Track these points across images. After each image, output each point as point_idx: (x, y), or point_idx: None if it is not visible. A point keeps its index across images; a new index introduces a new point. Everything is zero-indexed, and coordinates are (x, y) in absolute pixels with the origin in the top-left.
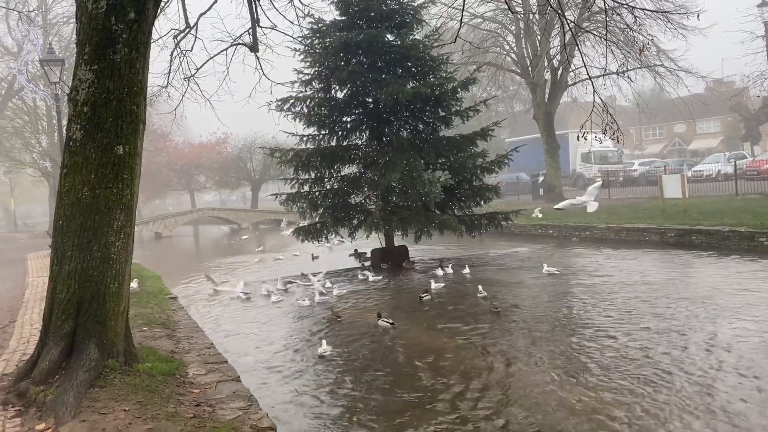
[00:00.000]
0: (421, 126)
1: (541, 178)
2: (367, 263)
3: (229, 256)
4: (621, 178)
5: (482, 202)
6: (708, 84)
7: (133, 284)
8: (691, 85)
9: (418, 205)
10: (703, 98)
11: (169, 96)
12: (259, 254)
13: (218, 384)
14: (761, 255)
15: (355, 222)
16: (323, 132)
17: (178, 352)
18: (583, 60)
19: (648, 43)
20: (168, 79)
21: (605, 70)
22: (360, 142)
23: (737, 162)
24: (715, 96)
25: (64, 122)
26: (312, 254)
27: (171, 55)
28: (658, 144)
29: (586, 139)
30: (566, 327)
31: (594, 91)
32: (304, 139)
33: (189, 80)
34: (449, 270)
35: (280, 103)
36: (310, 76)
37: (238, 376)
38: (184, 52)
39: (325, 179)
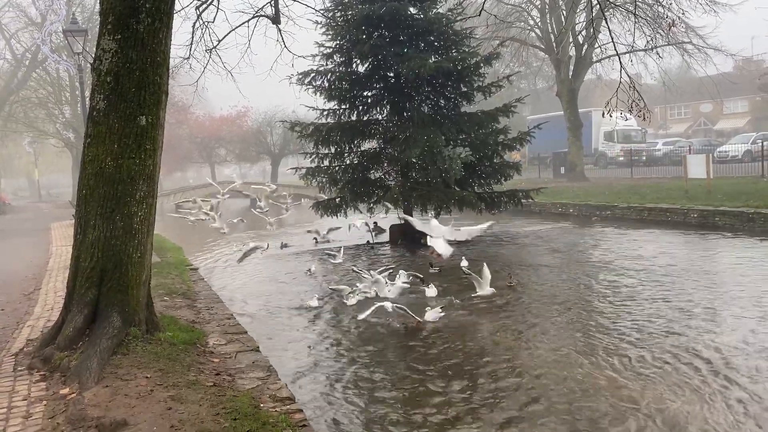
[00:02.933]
0: (442, 101)
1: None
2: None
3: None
4: (644, 158)
5: (503, 180)
6: (737, 62)
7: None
8: (719, 64)
9: (437, 182)
10: (731, 77)
11: (191, 68)
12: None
13: (238, 354)
14: None
15: (374, 198)
16: (344, 106)
17: (199, 322)
18: (611, 35)
19: (677, 19)
20: (190, 50)
21: (633, 46)
22: (380, 117)
23: (764, 143)
24: (744, 75)
25: (87, 93)
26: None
27: (193, 26)
28: (682, 124)
29: (611, 116)
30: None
31: (621, 67)
32: (325, 113)
33: (211, 52)
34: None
35: (300, 76)
36: (331, 50)
37: (258, 347)
38: (206, 23)
39: (345, 154)
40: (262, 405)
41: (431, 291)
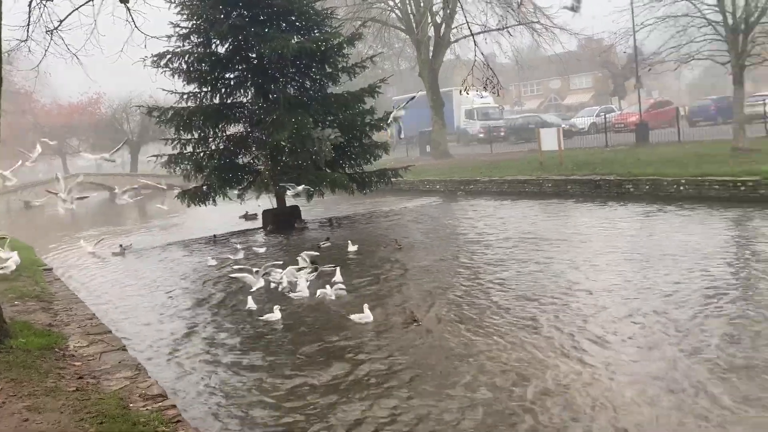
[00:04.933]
0: (308, 83)
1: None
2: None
3: (112, 225)
4: (502, 133)
5: (372, 160)
6: (580, 41)
7: (13, 257)
8: (565, 42)
9: (308, 164)
10: (576, 55)
11: (30, 51)
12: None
13: (102, 355)
14: (627, 200)
15: (244, 183)
16: (205, 89)
17: (57, 324)
18: (464, 16)
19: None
20: (27, 32)
21: (485, 26)
22: (245, 100)
23: (606, 116)
24: (587, 53)
25: None
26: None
27: (29, 5)
28: (536, 100)
29: (468, 94)
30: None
31: (475, 46)
32: (185, 97)
33: (52, 33)
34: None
35: (156, 58)
36: (187, 30)
37: (124, 346)
38: (44, 2)
39: (210, 139)
40: (131, 405)
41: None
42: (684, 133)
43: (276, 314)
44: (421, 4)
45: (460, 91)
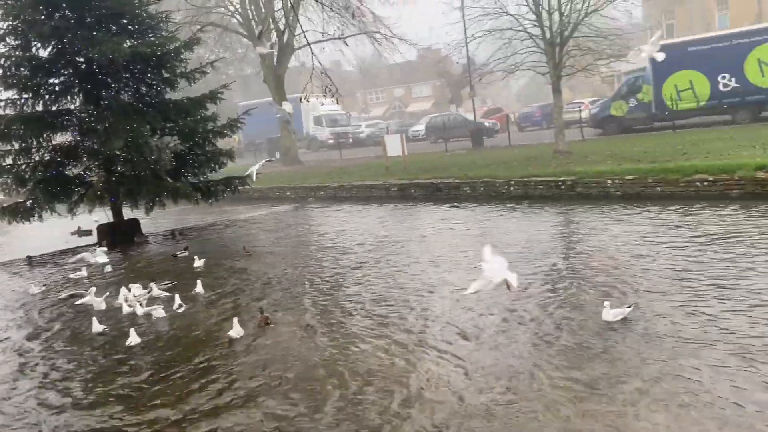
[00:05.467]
0: (144, 89)
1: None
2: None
3: None
4: (350, 140)
5: (217, 167)
6: (419, 51)
7: None
8: (404, 52)
9: (147, 174)
10: (415, 64)
11: None
12: None
13: None
14: (465, 201)
15: (74, 197)
16: (25, 95)
17: None
18: (299, 25)
19: (358, 9)
20: None
21: (323, 35)
22: (73, 107)
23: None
24: (426, 62)
25: None
26: None
27: None
28: (381, 107)
29: (308, 101)
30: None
31: (312, 54)
32: (2, 104)
33: None
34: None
35: None
36: (2, 31)
37: None
38: None
39: (33, 150)
40: None
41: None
42: (514, 138)
43: (134, 338)
44: (263, 11)
45: (300, 99)
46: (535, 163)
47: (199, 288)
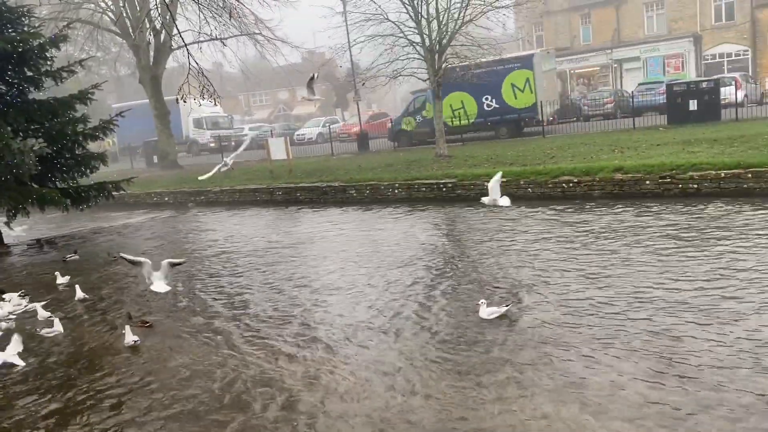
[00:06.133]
0: (4, 87)
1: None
2: None
3: None
4: (233, 143)
5: (89, 172)
6: (303, 54)
7: None
8: (287, 54)
9: (8, 179)
10: (299, 67)
11: None
12: None
13: None
14: (351, 204)
15: None
16: None
17: None
18: (176, 26)
19: (236, 10)
20: None
21: (199, 35)
22: None
23: (331, 126)
24: (310, 65)
25: None
26: None
27: None
28: (265, 110)
29: (185, 102)
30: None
31: (189, 55)
32: None
33: None
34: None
35: None
36: None
37: None
38: None
39: None
40: None
41: None
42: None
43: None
44: (138, 9)
45: (177, 100)
46: (417, 166)
47: (79, 294)
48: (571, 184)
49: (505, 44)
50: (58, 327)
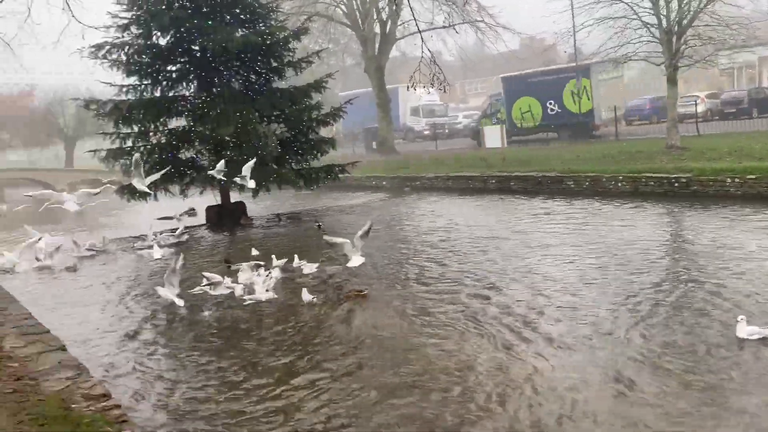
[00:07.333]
0: (253, 77)
1: None
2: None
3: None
4: (447, 130)
5: (319, 155)
6: (522, 40)
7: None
8: (508, 41)
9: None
10: (518, 54)
11: None
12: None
13: (41, 355)
14: (566, 196)
15: (186, 179)
16: (145, 82)
17: None
18: (412, 13)
19: None
20: None
21: (432, 23)
22: (188, 93)
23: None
24: (529, 52)
25: None
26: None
27: None
28: (480, 97)
29: (415, 90)
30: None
31: (422, 42)
32: (125, 89)
33: None
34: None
35: (94, 49)
36: (127, 21)
37: (64, 345)
38: None
39: (151, 133)
40: (74, 406)
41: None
42: (621, 132)
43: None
44: (367, 1)
45: (408, 88)
46: (644, 158)
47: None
48: None
49: (760, 23)
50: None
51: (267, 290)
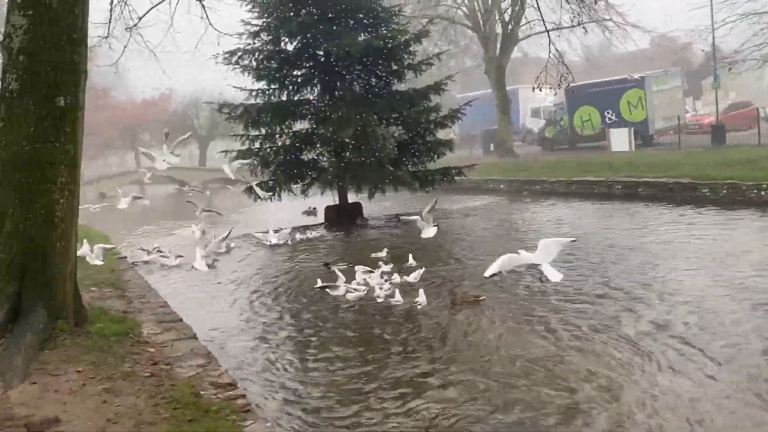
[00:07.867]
0: (373, 80)
1: None
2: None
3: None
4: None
5: (436, 157)
6: (653, 39)
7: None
8: (637, 39)
9: (371, 161)
10: (648, 53)
11: (110, 47)
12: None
13: (174, 342)
14: (701, 204)
15: (307, 179)
16: (273, 86)
17: (131, 311)
18: (540, 13)
19: None
20: (108, 29)
21: (560, 22)
22: (312, 97)
23: (679, 116)
24: (660, 51)
25: None
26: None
27: (111, 3)
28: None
29: (540, 91)
30: None
31: (549, 42)
32: (254, 93)
33: (131, 30)
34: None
35: (227, 55)
36: (258, 28)
37: (195, 334)
38: (124, 0)
39: (276, 135)
40: (202, 392)
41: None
42: (764, 136)
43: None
44: (489, 2)
45: (533, 89)
46: None
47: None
48: None
49: None
50: (422, 298)
51: (390, 291)
